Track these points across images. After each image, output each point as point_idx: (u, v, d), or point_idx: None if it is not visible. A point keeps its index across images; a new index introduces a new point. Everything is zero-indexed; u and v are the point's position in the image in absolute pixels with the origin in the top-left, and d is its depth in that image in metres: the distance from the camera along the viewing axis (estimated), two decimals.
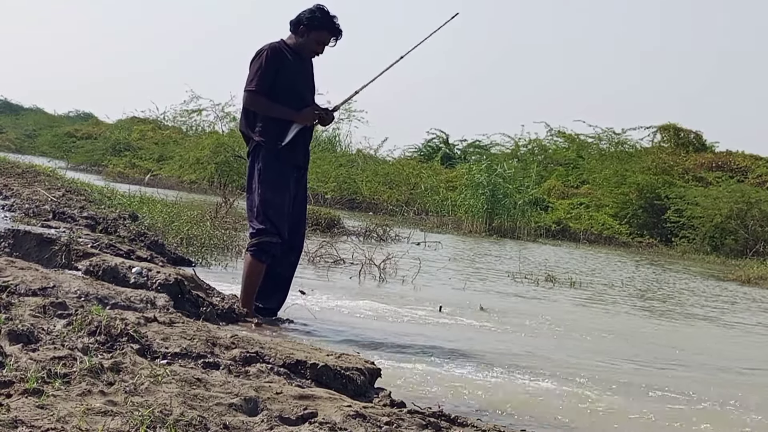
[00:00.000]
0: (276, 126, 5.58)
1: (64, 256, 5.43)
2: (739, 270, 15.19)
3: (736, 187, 21.38)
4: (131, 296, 4.44)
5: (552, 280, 10.47)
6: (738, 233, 20.32)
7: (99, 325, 3.40)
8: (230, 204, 11.98)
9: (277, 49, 5.63)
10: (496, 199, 20.30)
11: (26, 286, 4.18)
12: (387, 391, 3.58)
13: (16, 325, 3.26)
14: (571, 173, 26.46)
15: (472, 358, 5.22)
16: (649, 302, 9.95)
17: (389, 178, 24.82)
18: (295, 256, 5.87)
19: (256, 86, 5.55)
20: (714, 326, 8.53)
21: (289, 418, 2.79)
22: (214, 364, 3.32)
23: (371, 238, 13.78)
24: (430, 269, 10.29)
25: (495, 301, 8.20)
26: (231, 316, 5.18)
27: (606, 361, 5.83)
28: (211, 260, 8.26)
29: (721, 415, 4.58)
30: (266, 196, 5.54)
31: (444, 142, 32.55)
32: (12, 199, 8.57)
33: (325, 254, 9.84)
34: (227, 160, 24.06)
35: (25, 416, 2.36)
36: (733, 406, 4.79)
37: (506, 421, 3.86)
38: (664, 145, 26.72)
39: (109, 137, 32.64)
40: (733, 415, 4.59)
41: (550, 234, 21.05)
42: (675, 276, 14.16)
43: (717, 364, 6.24)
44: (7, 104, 54.78)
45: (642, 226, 22.15)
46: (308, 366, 3.51)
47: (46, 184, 10.75)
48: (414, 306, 7.17)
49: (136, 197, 11.64)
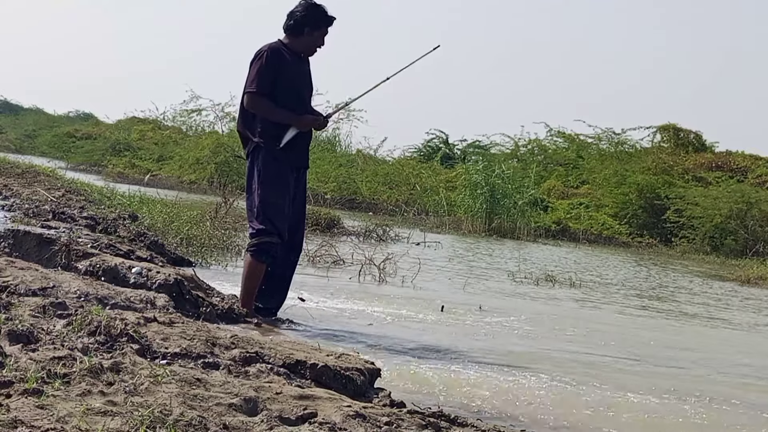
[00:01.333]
0: (275, 128, 5.59)
1: (63, 256, 5.42)
2: (738, 270, 15.19)
3: (736, 187, 21.37)
4: (131, 296, 4.44)
5: (552, 280, 10.47)
6: (738, 233, 20.32)
7: (99, 325, 3.40)
8: (230, 204, 11.97)
9: (276, 50, 5.63)
10: (495, 200, 20.29)
11: (26, 286, 4.18)
12: (387, 391, 3.58)
13: (16, 325, 3.26)
14: (571, 173, 26.45)
15: (472, 358, 5.22)
16: (648, 302, 9.95)
17: (389, 178, 24.81)
18: (295, 256, 5.87)
19: (257, 87, 5.55)
20: (713, 326, 8.53)
21: (289, 418, 2.79)
22: (213, 364, 3.32)
23: (371, 238, 13.78)
24: (429, 269, 10.29)
25: (495, 301, 8.20)
26: (231, 316, 5.18)
27: (606, 361, 5.83)
28: (210, 260, 8.26)
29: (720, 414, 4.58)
30: (266, 197, 5.54)
31: (444, 142, 32.54)
32: (12, 199, 8.57)
33: (325, 254, 9.84)
34: (227, 160, 24.04)
35: (25, 416, 2.36)
36: (730, 406, 4.79)
37: (506, 422, 3.86)
38: (664, 145, 26.70)
39: (109, 137, 32.60)
40: (732, 415, 4.60)
41: (549, 234, 21.04)
42: (674, 276, 14.16)
43: (717, 364, 6.23)
44: (7, 104, 54.75)
45: (642, 226, 22.15)
46: (308, 366, 3.51)
47: (46, 184, 10.75)
48: (414, 306, 7.17)
49: (135, 197, 11.64)
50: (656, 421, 4.32)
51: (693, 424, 4.34)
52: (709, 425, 4.36)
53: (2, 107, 53.55)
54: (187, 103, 31.54)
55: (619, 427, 4.14)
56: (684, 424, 4.32)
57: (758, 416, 4.66)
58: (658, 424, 4.27)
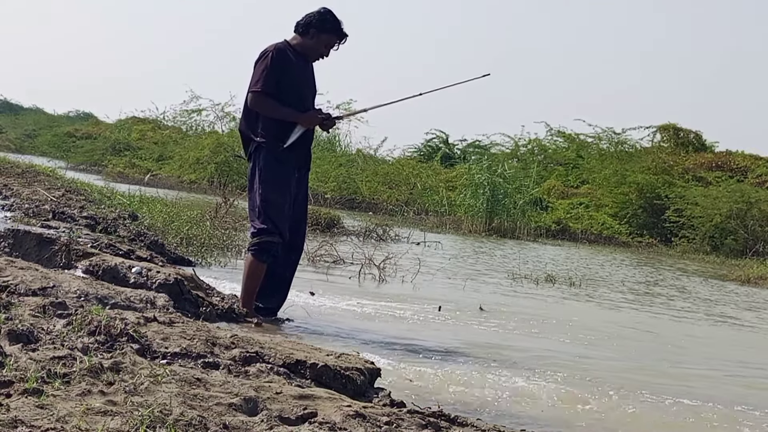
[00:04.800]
0: (277, 127, 5.59)
1: (63, 256, 5.43)
2: (738, 270, 15.19)
3: (736, 186, 21.36)
4: (131, 296, 4.44)
5: (552, 280, 10.47)
6: (738, 233, 20.31)
7: (99, 324, 3.40)
8: (230, 204, 11.98)
9: (282, 50, 5.64)
10: (495, 199, 20.28)
11: (26, 286, 4.18)
12: (387, 391, 3.58)
13: (16, 324, 3.26)
14: (571, 173, 26.43)
15: (472, 358, 5.22)
16: (648, 302, 9.95)
17: (389, 178, 24.80)
18: (296, 256, 5.87)
19: (261, 87, 5.55)
20: (712, 325, 8.53)
21: (289, 417, 2.79)
22: (213, 364, 3.32)
23: (371, 238, 13.78)
24: (429, 269, 10.29)
25: (495, 301, 8.20)
26: (231, 316, 5.19)
27: (607, 361, 5.83)
28: (210, 260, 8.25)
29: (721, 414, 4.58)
30: (267, 196, 5.55)
31: (444, 142, 32.53)
32: (12, 199, 8.58)
33: (325, 254, 9.83)
34: (227, 160, 24.04)
35: (24, 416, 2.36)
36: (721, 405, 4.79)
37: (506, 421, 3.86)
38: (663, 145, 26.70)
39: (108, 137, 32.59)
40: (731, 414, 4.59)
41: (549, 234, 21.03)
42: (674, 276, 14.16)
43: (721, 364, 6.24)
44: (7, 104, 54.74)
45: (642, 226, 22.14)
46: (308, 366, 3.51)
47: (46, 184, 10.75)
48: (414, 306, 7.17)
49: (135, 197, 11.64)
50: (662, 421, 4.31)
51: (695, 424, 4.33)
52: (711, 426, 4.36)
53: (2, 107, 53.54)
54: (187, 103, 31.58)
55: (622, 426, 4.14)
56: (684, 424, 4.32)
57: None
58: (665, 424, 4.27)
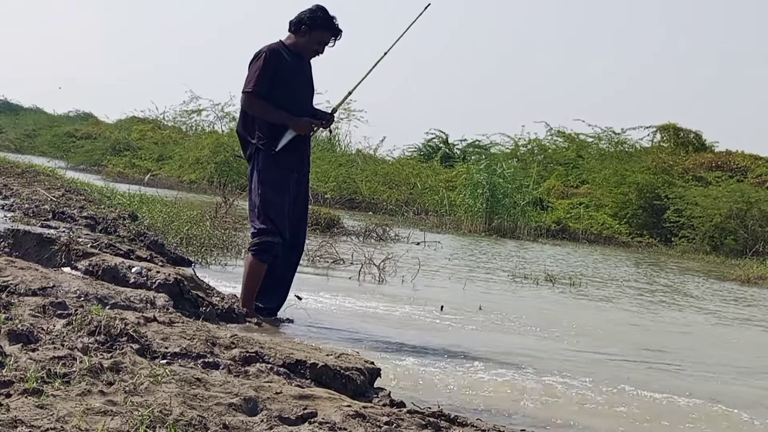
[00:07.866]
0: (272, 130, 5.58)
1: (63, 256, 5.42)
2: (738, 270, 15.19)
3: (736, 186, 21.35)
4: (131, 296, 4.44)
5: (551, 280, 10.47)
6: (737, 233, 20.31)
7: (99, 324, 3.40)
8: (230, 204, 11.97)
9: (275, 51, 5.63)
10: (495, 199, 20.28)
11: (26, 286, 4.18)
12: (387, 391, 3.58)
13: (16, 324, 3.26)
14: (571, 173, 26.42)
15: (472, 358, 5.22)
16: (648, 301, 9.95)
17: (389, 178, 24.79)
18: (296, 256, 5.87)
19: (253, 88, 5.55)
20: (712, 325, 8.53)
21: (289, 417, 2.79)
22: (213, 363, 3.32)
23: (371, 238, 13.78)
24: (429, 269, 10.29)
25: (495, 301, 8.20)
26: (231, 316, 5.18)
27: (607, 360, 5.83)
28: (210, 260, 8.26)
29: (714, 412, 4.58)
30: (266, 196, 5.55)
31: (444, 142, 32.51)
32: (12, 199, 8.57)
33: (325, 254, 9.83)
34: (227, 160, 24.03)
35: (24, 416, 2.36)
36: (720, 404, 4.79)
37: (506, 421, 3.86)
38: (663, 145, 26.68)
39: (108, 137, 32.57)
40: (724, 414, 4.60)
41: (549, 234, 21.02)
42: (673, 275, 14.15)
43: (714, 363, 6.24)
44: (7, 104, 54.68)
45: (642, 226, 22.13)
46: (308, 366, 3.51)
47: (46, 183, 10.74)
48: (413, 306, 7.17)
49: (135, 197, 11.63)
50: (662, 418, 4.32)
51: (692, 424, 4.34)
52: (710, 424, 4.36)
53: (2, 107, 53.48)
54: (186, 103, 31.57)
55: (623, 425, 4.14)
56: (683, 423, 4.32)
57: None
58: (668, 423, 4.27)
